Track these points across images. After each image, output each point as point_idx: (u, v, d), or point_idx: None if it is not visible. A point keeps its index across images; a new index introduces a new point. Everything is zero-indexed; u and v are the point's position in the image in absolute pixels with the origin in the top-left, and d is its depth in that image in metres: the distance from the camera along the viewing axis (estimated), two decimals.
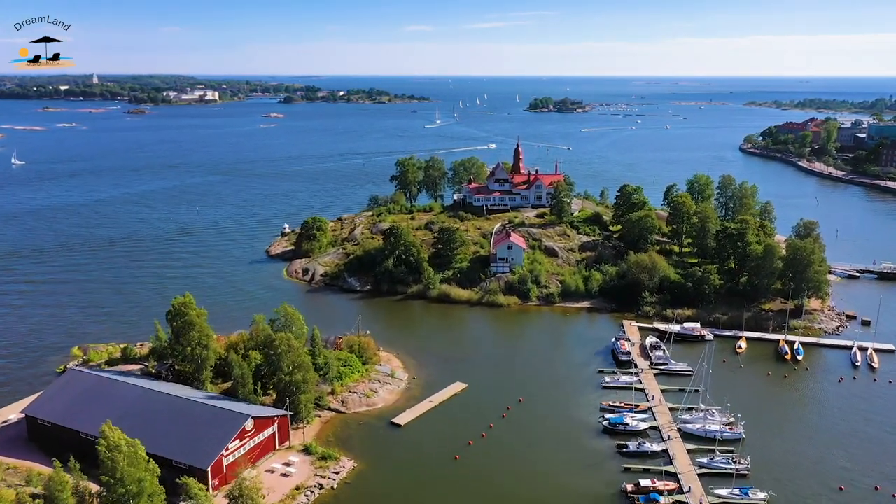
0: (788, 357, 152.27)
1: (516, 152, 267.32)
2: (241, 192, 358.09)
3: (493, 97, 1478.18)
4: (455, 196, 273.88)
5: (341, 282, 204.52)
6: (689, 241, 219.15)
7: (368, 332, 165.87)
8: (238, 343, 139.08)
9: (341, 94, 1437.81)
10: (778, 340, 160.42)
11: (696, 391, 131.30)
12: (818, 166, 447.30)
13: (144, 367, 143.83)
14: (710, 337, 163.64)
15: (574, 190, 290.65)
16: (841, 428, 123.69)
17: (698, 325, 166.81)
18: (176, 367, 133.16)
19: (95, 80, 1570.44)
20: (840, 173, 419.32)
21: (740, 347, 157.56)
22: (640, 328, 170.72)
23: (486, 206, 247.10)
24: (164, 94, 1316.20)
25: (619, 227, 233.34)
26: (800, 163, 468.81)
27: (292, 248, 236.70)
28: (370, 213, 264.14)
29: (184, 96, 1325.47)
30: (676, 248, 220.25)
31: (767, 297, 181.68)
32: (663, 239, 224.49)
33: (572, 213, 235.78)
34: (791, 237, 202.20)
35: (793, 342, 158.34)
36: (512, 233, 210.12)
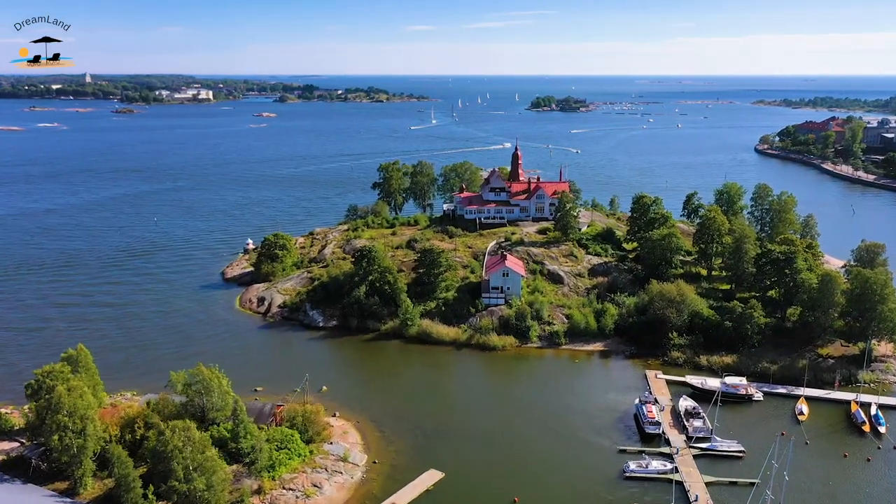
0: (866, 428, 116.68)
1: (514, 156, 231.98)
2: (212, 199, 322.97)
3: (494, 96, 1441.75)
4: (445, 207, 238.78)
5: (302, 315, 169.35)
6: (720, 262, 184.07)
7: (325, 387, 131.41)
8: (137, 418, 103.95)
9: (339, 92, 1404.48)
10: (848, 402, 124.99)
11: (752, 483, 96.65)
12: (844, 169, 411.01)
13: (21, 444, 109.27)
14: (758, 396, 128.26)
15: (580, 198, 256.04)
16: None
17: (744, 379, 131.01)
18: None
19: (88, 80, 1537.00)
20: (871, 177, 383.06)
21: (801, 413, 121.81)
22: (668, 381, 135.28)
23: (480, 219, 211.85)
24: (157, 93, 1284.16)
25: (635, 244, 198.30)
26: (823, 165, 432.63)
27: (252, 269, 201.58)
28: (346, 227, 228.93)
29: (177, 95, 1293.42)
30: (703, 271, 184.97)
31: (824, 339, 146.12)
32: (687, 259, 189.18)
33: (579, 229, 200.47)
34: (850, 262, 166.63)
35: (868, 404, 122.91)
36: (508, 255, 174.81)
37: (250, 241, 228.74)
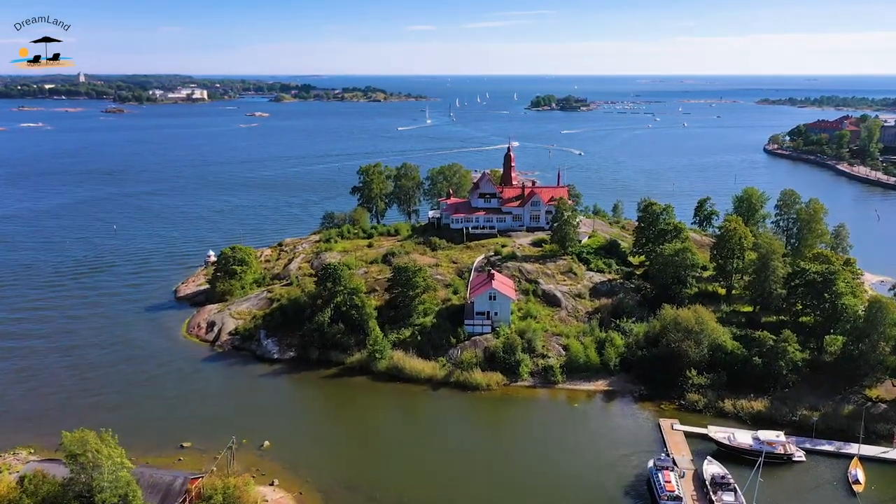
0: None
1: (507, 157, 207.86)
2: (183, 205, 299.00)
3: (493, 96, 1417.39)
4: (430, 214, 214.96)
5: (255, 344, 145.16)
6: (739, 278, 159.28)
7: (268, 442, 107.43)
8: (4, 500, 79.90)
9: (335, 92, 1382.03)
10: None
11: None
12: (862, 170, 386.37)
13: None
14: (800, 455, 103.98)
15: (581, 203, 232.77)
16: None
17: (781, 434, 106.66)
18: None
19: (82, 79, 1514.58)
20: (891, 179, 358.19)
21: (857, 481, 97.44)
22: (686, 434, 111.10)
23: (467, 229, 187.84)
24: (151, 92, 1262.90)
25: (643, 258, 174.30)
26: (838, 166, 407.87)
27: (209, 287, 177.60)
28: (317, 237, 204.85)
29: (171, 95, 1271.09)
30: (721, 290, 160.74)
31: (873, 378, 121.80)
32: (702, 275, 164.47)
33: (579, 241, 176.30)
34: None
35: None
36: (496, 273, 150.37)
37: (212, 252, 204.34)
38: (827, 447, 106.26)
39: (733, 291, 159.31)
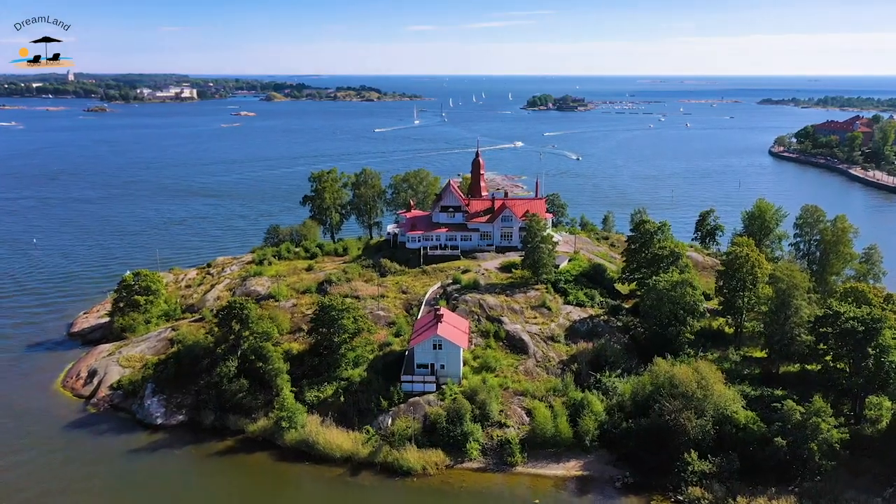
0: None
1: (475, 164, 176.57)
2: (128, 214, 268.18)
3: (490, 96, 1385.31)
4: (389, 229, 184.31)
5: (136, 404, 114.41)
6: (749, 310, 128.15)
7: None
8: None
9: (328, 91, 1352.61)
10: None
11: None
12: (878, 175, 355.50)
13: None
14: None
15: (566, 215, 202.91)
16: None
17: None
18: None
19: (71, 78, 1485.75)
20: None
21: None
22: None
23: (426, 249, 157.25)
24: (138, 91, 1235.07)
25: (633, 286, 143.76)
26: (851, 170, 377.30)
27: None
28: (250, 257, 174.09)
29: (158, 94, 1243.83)
30: (728, 329, 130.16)
31: None
32: (704, 304, 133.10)
33: (556, 266, 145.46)
34: None
35: None
36: (446, 312, 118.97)
37: (129, 272, 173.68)
38: None
39: (743, 331, 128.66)
